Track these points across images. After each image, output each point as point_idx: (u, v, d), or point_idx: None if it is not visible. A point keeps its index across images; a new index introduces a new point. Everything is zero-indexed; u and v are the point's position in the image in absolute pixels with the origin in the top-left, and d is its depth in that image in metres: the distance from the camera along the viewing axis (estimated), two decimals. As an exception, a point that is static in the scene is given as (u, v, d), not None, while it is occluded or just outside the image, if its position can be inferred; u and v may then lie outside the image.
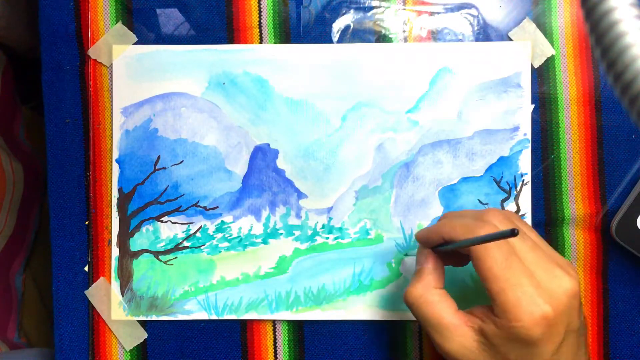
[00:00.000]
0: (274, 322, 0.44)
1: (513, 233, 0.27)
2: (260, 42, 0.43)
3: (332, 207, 0.43)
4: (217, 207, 0.43)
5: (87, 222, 0.44)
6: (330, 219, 0.43)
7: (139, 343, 0.44)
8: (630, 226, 0.40)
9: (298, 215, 0.43)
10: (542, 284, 0.30)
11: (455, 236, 0.33)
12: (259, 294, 0.43)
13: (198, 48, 0.43)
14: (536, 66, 0.43)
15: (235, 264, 0.43)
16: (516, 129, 0.42)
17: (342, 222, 0.43)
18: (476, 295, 0.42)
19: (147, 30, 0.44)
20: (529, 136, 0.42)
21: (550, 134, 0.43)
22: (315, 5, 0.43)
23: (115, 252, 0.43)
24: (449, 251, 0.35)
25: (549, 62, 0.43)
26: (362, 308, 0.43)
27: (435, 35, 0.43)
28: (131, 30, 0.44)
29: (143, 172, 0.44)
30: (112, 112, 0.44)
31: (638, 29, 0.19)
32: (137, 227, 0.43)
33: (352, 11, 0.43)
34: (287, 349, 0.44)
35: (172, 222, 0.43)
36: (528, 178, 0.42)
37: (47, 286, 0.64)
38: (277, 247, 0.43)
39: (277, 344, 0.44)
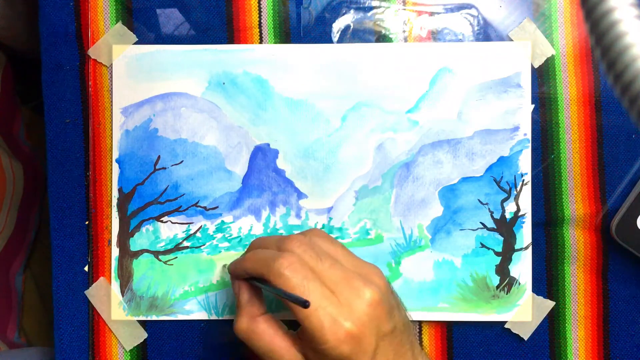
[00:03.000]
0: (274, 322, 0.44)
1: (305, 305, 0.30)
2: (260, 42, 0.43)
3: (332, 207, 0.43)
4: (217, 207, 0.43)
5: (87, 222, 0.44)
6: (330, 219, 0.43)
7: (139, 343, 0.44)
8: (630, 226, 0.40)
9: (298, 215, 0.43)
10: (343, 301, 0.31)
11: (256, 271, 0.34)
12: (259, 294, 0.43)
13: (198, 48, 0.43)
14: (536, 66, 0.43)
15: (235, 264, 0.43)
16: (516, 129, 0.42)
17: (342, 222, 0.43)
18: (476, 295, 0.42)
19: (147, 30, 0.44)
20: (529, 136, 0.42)
21: (550, 134, 0.43)
22: (315, 6, 0.43)
23: (115, 252, 0.43)
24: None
25: (549, 62, 0.43)
26: (362, 308, 0.43)
27: (435, 35, 0.43)
28: (131, 30, 0.44)
29: (143, 172, 0.44)
30: (112, 112, 0.44)
31: (638, 29, 0.19)
32: (137, 227, 0.43)
33: (352, 11, 0.43)
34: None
35: (172, 222, 0.43)
36: (528, 178, 0.42)
37: (47, 286, 0.64)
38: (277, 247, 0.43)
39: (277, 344, 0.44)
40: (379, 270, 0.35)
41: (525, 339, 0.42)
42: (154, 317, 0.43)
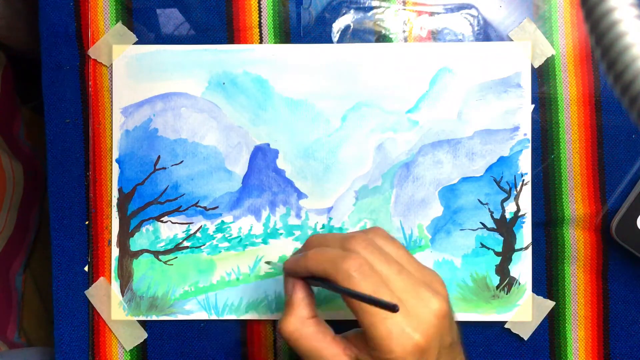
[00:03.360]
0: (274, 322, 0.44)
1: (394, 309, 0.28)
2: (260, 42, 0.43)
3: (332, 207, 0.43)
4: (217, 207, 0.43)
5: (87, 222, 0.44)
6: (330, 219, 0.43)
7: (139, 343, 0.44)
8: (630, 226, 0.40)
9: (298, 215, 0.43)
10: (411, 311, 0.30)
11: (321, 270, 0.32)
12: (259, 294, 0.43)
13: (198, 48, 0.43)
14: (536, 66, 0.43)
15: (235, 264, 0.43)
16: (516, 129, 0.42)
17: (342, 222, 0.43)
18: (476, 295, 0.42)
19: (147, 30, 0.44)
20: (529, 136, 0.42)
21: (550, 134, 0.43)
22: (315, 6, 0.43)
23: (115, 252, 0.43)
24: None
25: (549, 62, 0.43)
26: (362, 308, 0.43)
27: (435, 35, 0.43)
28: (131, 30, 0.44)
29: (143, 172, 0.44)
30: (112, 112, 0.44)
31: (638, 29, 0.19)
32: (137, 227, 0.43)
33: (352, 11, 0.43)
34: (287, 349, 0.44)
35: (172, 222, 0.43)
36: (528, 178, 0.42)
37: (47, 286, 0.64)
38: (277, 247, 0.43)
39: (277, 344, 0.44)
40: (440, 277, 0.33)
41: (525, 339, 0.42)
42: (154, 317, 0.43)
